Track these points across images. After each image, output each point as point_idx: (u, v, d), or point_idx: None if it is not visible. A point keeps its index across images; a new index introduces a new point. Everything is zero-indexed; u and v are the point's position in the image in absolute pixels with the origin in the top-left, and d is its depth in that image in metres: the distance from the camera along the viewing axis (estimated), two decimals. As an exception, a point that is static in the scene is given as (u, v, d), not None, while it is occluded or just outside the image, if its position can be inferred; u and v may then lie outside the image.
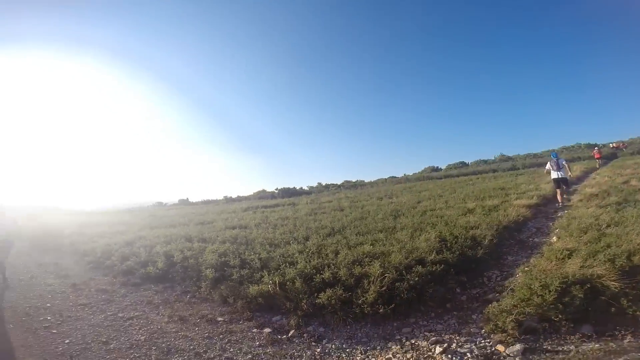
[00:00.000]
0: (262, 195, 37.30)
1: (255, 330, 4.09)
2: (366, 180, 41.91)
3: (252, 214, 15.63)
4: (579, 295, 3.25)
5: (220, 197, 40.72)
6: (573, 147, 38.60)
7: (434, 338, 3.42)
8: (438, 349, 3.17)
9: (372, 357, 3.26)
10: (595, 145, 30.09)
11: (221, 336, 3.95)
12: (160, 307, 5.06)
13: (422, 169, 43.69)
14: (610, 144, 30.26)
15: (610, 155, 26.03)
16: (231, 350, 3.61)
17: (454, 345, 3.25)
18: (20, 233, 7.56)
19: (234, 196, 39.71)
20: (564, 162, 9.78)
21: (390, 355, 3.23)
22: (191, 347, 3.71)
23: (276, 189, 39.46)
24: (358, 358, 3.29)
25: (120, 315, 4.78)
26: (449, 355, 3.04)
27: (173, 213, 20.69)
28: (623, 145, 25.38)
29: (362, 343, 3.59)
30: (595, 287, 3.37)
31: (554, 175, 9.69)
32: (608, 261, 3.67)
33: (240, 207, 21.32)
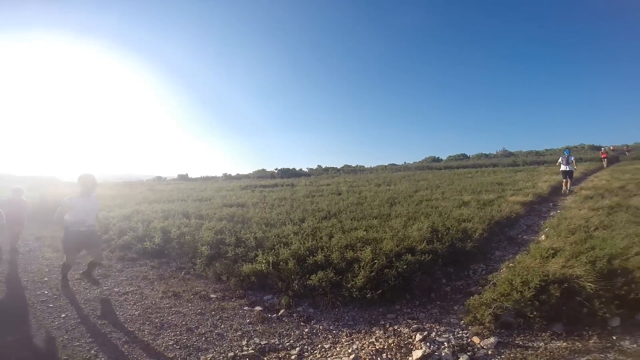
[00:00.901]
0: (261, 174, 37.40)
1: (246, 308, 4.25)
2: (366, 166, 42.09)
3: (251, 192, 15.75)
4: (556, 294, 3.33)
5: (219, 174, 40.90)
6: (576, 147, 38.41)
7: (415, 326, 3.56)
8: (418, 337, 3.31)
9: (357, 340, 3.40)
10: (602, 147, 31.12)
11: (213, 313, 4.11)
12: (155, 282, 5.21)
13: (423, 158, 43.60)
14: (610, 147, 30.64)
15: (611, 159, 26.10)
16: (222, 326, 3.77)
17: (434, 334, 3.38)
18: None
19: (233, 174, 39.92)
20: (572, 159, 12.07)
21: (374, 340, 3.38)
22: (183, 323, 3.86)
23: (276, 169, 39.57)
24: (343, 340, 3.44)
25: (115, 290, 4.93)
26: (427, 343, 3.17)
27: (172, 188, 20.79)
28: (627, 149, 25.68)
29: (348, 326, 3.74)
30: (573, 287, 3.44)
31: (563, 167, 11.94)
32: (589, 263, 3.73)
33: (239, 185, 21.45)
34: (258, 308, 4.19)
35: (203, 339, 3.54)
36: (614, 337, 3.05)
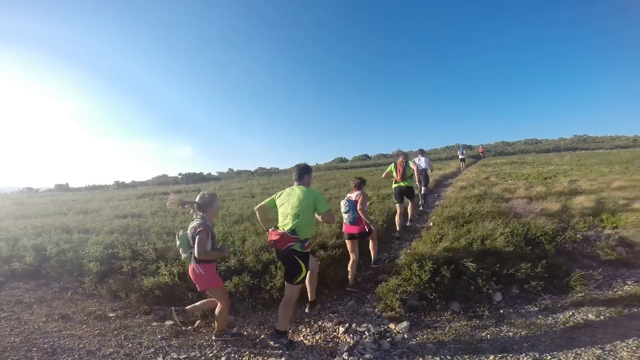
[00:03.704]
0: (162, 180, 33.99)
1: (155, 323, 3.86)
2: (280, 168, 42.29)
3: (149, 200, 14.23)
4: (447, 275, 3.82)
5: (110, 182, 35.76)
6: (453, 146, 45.72)
7: (337, 319, 3.71)
8: (341, 329, 3.47)
9: None
10: (478, 145, 38.60)
11: (115, 332, 3.62)
12: (35, 306, 4.34)
13: (332, 159, 45.98)
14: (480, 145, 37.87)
15: (477, 156, 32.09)
16: (129, 345, 3.34)
17: (354, 324, 3.58)
18: None
19: (127, 181, 35.32)
20: (464, 152, 20.64)
21: (302, 338, 3.42)
22: (81, 346, 3.31)
23: (179, 174, 36.54)
24: (271, 343, 3.37)
25: (-18, 318, 3.92)
26: (351, 335, 3.35)
27: (47, 200, 17.26)
28: (481, 150, 32.38)
29: (274, 328, 3.69)
30: (459, 267, 3.98)
31: (460, 157, 20.20)
32: (468, 244, 4.45)
33: (135, 193, 19.12)
34: (169, 322, 3.84)
35: (109, 360, 3.08)
36: (501, 311, 3.62)
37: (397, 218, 6.61)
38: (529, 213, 5.99)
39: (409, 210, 6.90)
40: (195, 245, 3.06)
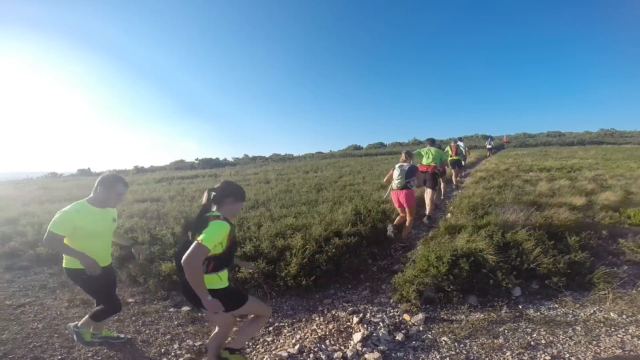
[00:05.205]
0: (179, 165, 34.69)
1: (172, 309, 3.93)
2: (295, 154, 42.64)
3: (167, 185, 14.53)
4: (465, 267, 3.70)
5: (129, 167, 36.75)
6: (472, 136, 44.58)
7: (351, 308, 3.66)
8: (355, 319, 3.41)
9: (299, 330, 3.39)
10: (493, 136, 38.04)
11: (133, 318, 3.72)
12: (57, 291, 4.49)
13: (346, 146, 45.74)
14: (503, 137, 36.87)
15: (498, 147, 31.41)
16: (147, 332, 3.43)
17: (369, 315, 3.51)
18: None
19: (146, 166, 36.21)
20: (491, 142, 25.60)
21: (315, 327, 3.40)
22: (100, 332, 3.41)
23: (196, 159, 37.24)
24: (285, 331, 3.39)
25: (7, 303, 4.10)
26: (365, 325, 3.29)
27: (70, 185, 17.89)
28: (505, 140, 31.77)
29: (288, 316, 3.71)
30: (478, 260, 3.86)
31: (488, 146, 24.84)
32: (487, 237, 4.31)
33: (153, 178, 19.57)
34: (186, 308, 3.91)
35: (127, 346, 3.18)
36: (520, 307, 3.49)
37: (454, 176, 10.97)
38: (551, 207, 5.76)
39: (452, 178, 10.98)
40: (415, 175, 5.45)
